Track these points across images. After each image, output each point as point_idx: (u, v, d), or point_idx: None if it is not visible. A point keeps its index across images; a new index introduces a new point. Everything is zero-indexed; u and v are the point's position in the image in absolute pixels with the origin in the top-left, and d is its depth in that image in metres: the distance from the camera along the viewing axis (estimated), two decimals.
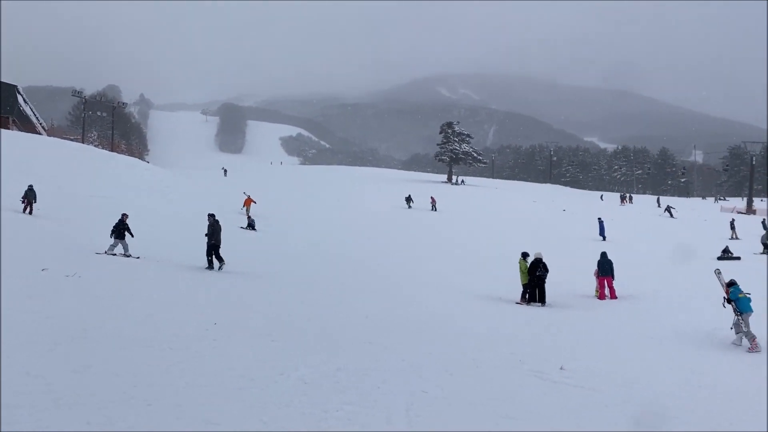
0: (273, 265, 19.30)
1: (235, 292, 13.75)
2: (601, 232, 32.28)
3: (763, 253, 27.39)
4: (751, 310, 11.60)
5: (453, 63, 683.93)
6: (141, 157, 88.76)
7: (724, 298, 12.14)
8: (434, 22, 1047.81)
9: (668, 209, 49.27)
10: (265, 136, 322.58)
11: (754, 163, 75.52)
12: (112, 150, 65.91)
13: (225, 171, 67.71)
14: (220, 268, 16.33)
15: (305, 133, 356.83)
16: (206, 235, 16.54)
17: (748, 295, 11.81)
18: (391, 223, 36.39)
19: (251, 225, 28.50)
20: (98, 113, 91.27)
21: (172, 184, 42.15)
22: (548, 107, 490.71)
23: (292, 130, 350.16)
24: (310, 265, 20.25)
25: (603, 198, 73.72)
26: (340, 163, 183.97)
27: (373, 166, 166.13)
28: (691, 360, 10.58)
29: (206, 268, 16.31)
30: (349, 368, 8.06)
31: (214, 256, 16.39)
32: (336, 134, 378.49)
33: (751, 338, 11.34)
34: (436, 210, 44.05)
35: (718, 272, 13.01)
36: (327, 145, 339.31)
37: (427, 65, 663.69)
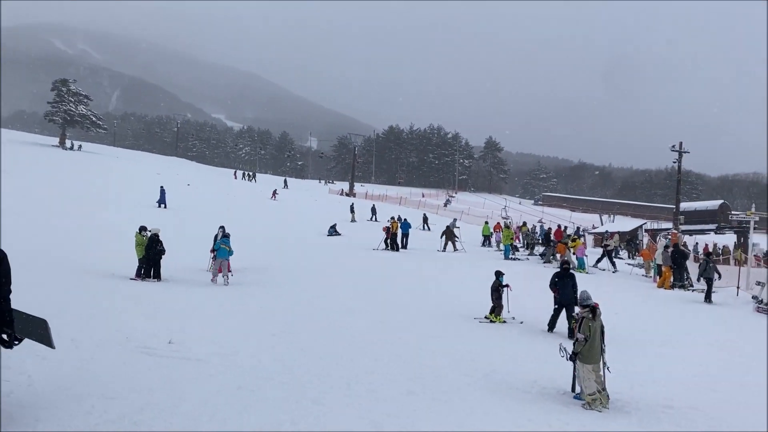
0: None
1: None
2: (162, 200, 33.43)
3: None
4: (225, 257, 15.86)
5: (71, 13, 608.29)
6: None
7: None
8: None
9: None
10: None
11: (356, 152, 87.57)
12: None
13: None
14: None
15: None
16: None
17: (227, 247, 16.01)
18: None
19: None
20: None
21: None
22: (178, 79, 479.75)
23: None
24: None
25: (236, 176, 77.45)
26: None
27: None
28: (288, 327, 11.74)
29: None
30: None
31: None
32: None
33: (214, 273, 15.95)
34: None
35: (222, 228, 17.17)
36: None
37: (38, 9, 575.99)
